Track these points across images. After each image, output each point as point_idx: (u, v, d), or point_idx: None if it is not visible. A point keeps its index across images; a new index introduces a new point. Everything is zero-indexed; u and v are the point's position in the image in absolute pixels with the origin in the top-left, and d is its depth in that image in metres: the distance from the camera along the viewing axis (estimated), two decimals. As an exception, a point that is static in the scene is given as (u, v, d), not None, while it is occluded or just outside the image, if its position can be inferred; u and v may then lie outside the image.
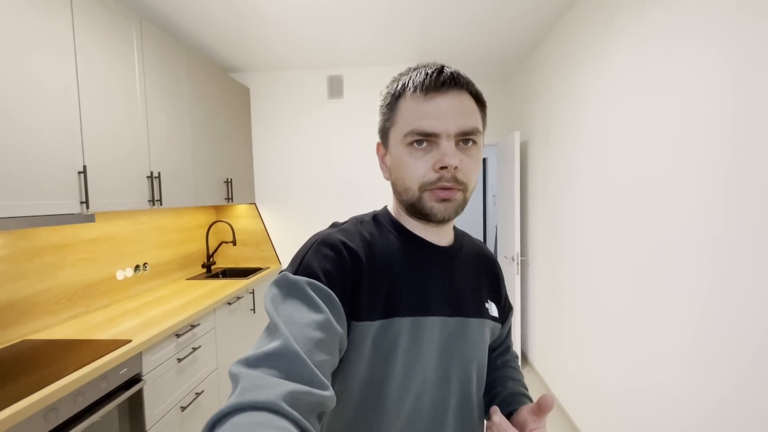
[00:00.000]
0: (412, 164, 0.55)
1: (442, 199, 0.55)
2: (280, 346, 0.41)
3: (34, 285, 1.66)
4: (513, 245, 2.96)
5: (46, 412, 1.15)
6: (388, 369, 0.54)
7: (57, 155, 1.43)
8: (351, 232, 0.59)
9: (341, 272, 0.52)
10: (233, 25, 2.34)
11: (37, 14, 1.36)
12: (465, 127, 0.54)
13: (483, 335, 0.63)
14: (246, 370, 0.39)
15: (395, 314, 0.55)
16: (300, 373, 0.40)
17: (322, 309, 0.47)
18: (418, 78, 0.55)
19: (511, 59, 3.02)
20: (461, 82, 0.56)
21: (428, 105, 0.54)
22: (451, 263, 0.63)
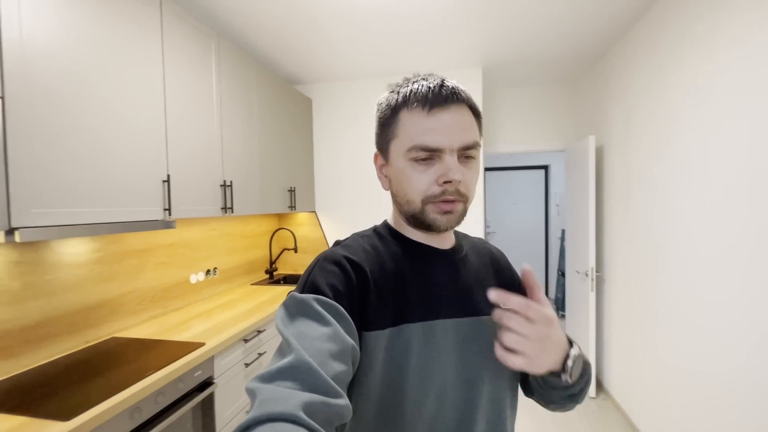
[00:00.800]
0: (416, 178, 0.56)
1: (445, 212, 0.57)
2: (293, 359, 0.42)
3: (121, 286, 1.78)
4: (587, 259, 2.72)
5: (131, 411, 1.19)
6: (402, 375, 0.54)
7: (147, 164, 1.53)
8: (353, 247, 0.60)
9: (347, 286, 0.53)
10: (297, 39, 2.40)
11: (130, 34, 1.47)
12: (467, 142, 0.55)
13: (493, 328, 0.62)
14: (262, 384, 0.40)
15: (405, 321, 0.56)
16: (315, 384, 0.41)
17: (331, 322, 0.48)
18: (420, 91, 0.55)
19: (583, 60, 2.81)
20: (462, 97, 0.57)
21: (431, 120, 0.55)
22: (455, 265, 0.64)
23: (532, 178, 5.61)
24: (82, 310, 1.59)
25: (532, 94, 3.45)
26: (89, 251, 1.63)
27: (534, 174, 5.60)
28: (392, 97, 0.59)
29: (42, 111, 1.15)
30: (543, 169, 5.57)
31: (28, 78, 1.11)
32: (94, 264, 1.65)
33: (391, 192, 0.63)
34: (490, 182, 5.74)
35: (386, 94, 0.61)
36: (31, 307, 1.41)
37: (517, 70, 3.03)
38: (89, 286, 1.62)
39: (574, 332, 3.15)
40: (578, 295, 3.01)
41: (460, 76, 2.91)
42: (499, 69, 2.98)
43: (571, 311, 3.24)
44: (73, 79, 1.25)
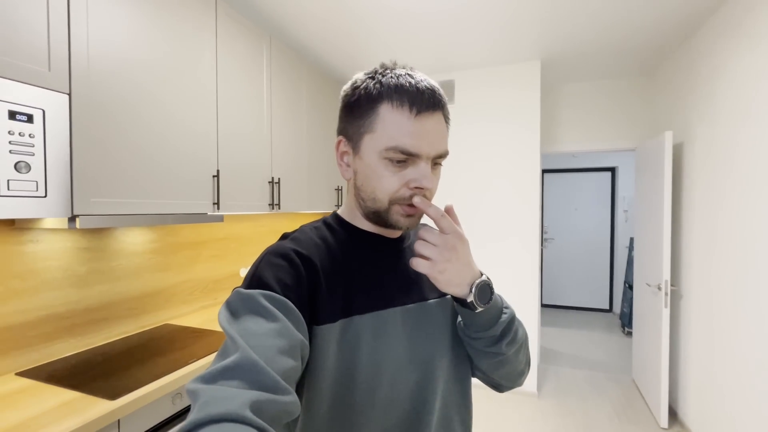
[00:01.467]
0: (387, 178, 0.55)
1: (409, 215, 0.57)
2: (238, 358, 0.41)
3: (175, 276, 1.88)
4: (660, 272, 2.41)
5: (173, 396, 1.24)
6: (355, 366, 0.54)
7: (198, 160, 1.60)
8: (301, 240, 0.59)
9: (295, 279, 0.52)
10: (346, 38, 2.41)
11: (186, 35, 1.55)
12: (441, 151, 0.56)
13: (446, 313, 0.64)
14: (204, 385, 0.38)
15: (355, 312, 0.56)
16: (262, 381, 0.40)
17: (278, 317, 0.47)
18: (408, 90, 0.53)
19: (661, 47, 2.51)
20: (443, 103, 0.56)
21: (417, 124, 0.53)
22: (402, 253, 0.64)
23: (597, 182, 5.17)
24: (139, 296, 1.70)
25: (598, 88, 3.16)
26: (148, 241, 1.74)
27: (599, 177, 5.16)
28: (371, 85, 0.55)
29: (104, 108, 1.24)
30: (609, 171, 5.11)
31: (91, 77, 1.19)
32: (151, 254, 1.75)
33: (353, 184, 0.60)
34: (549, 185, 5.39)
35: (361, 77, 0.57)
36: (95, 291, 1.52)
37: (580, 63, 2.78)
38: (146, 275, 1.73)
39: (642, 352, 2.81)
40: (648, 310, 2.68)
41: (516, 71, 2.75)
42: (560, 62, 2.76)
43: (640, 328, 2.90)
44: (132, 79, 1.33)
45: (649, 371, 2.64)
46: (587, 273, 5.20)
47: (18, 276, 1.29)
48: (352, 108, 0.57)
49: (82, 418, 0.98)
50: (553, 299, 5.36)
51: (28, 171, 1.02)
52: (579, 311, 5.19)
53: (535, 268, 2.76)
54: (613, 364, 3.43)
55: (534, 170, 2.75)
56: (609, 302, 5.12)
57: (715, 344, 2.03)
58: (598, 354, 3.67)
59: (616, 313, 4.99)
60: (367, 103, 0.55)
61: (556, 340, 4.04)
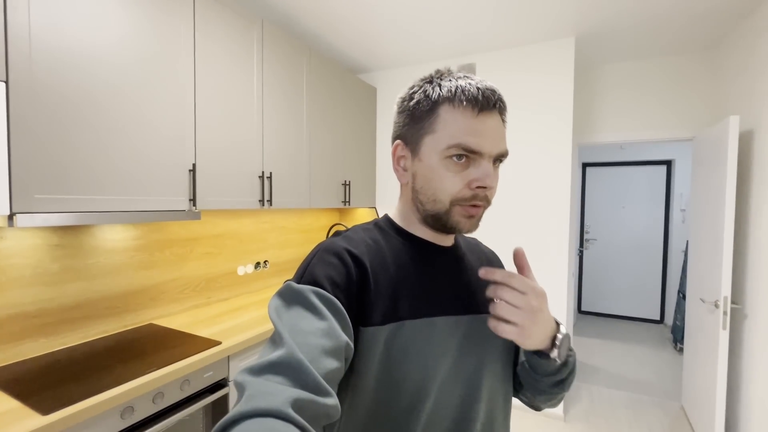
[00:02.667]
0: (449, 178, 0.55)
1: (471, 216, 0.56)
2: (284, 354, 0.42)
3: (163, 274, 1.81)
4: (718, 285, 2.01)
5: (122, 409, 1.14)
6: (402, 371, 0.53)
7: (171, 153, 1.49)
8: (354, 240, 0.58)
9: (345, 279, 0.52)
10: (358, 24, 2.22)
11: (158, 14, 1.43)
12: (503, 150, 0.56)
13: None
14: (251, 378, 0.40)
15: (405, 317, 0.55)
16: (304, 381, 0.41)
17: (327, 317, 0.47)
18: (469, 90, 0.54)
19: (722, 16, 2.07)
20: (504, 105, 0.57)
21: (478, 122, 0.54)
22: (455, 262, 0.64)
23: (650, 176, 4.60)
24: (121, 294, 1.64)
25: (645, 67, 2.72)
26: (130, 238, 1.67)
27: (652, 171, 4.59)
28: (430, 89, 0.56)
29: (52, 97, 1.15)
30: (665, 164, 4.52)
31: (35, 62, 1.10)
32: (134, 251, 1.69)
33: (411, 188, 0.60)
34: (591, 180, 4.89)
35: (419, 84, 0.58)
36: (69, 289, 1.47)
37: (624, 38, 2.39)
38: (129, 273, 1.67)
39: (694, 377, 2.40)
40: (702, 329, 2.27)
41: (546, 50, 2.43)
42: (598, 38, 2.39)
43: (692, 348, 2.48)
44: (89, 64, 1.24)
45: (702, 399, 2.24)
46: (636, 278, 4.67)
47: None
48: (411, 111, 0.58)
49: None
50: (593, 306, 4.88)
51: (-46, 165, 0.94)
52: (624, 321, 4.68)
53: (566, 270, 2.43)
54: (660, 386, 2.99)
55: (565, 163, 2.41)
56: (660, 312, 4.56)
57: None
58: (642, 372, 3.23)
59: (668, 325, 4.43)
60: (426, 105, 0.56)
61: (593, 353, 3.63)
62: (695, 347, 2.41)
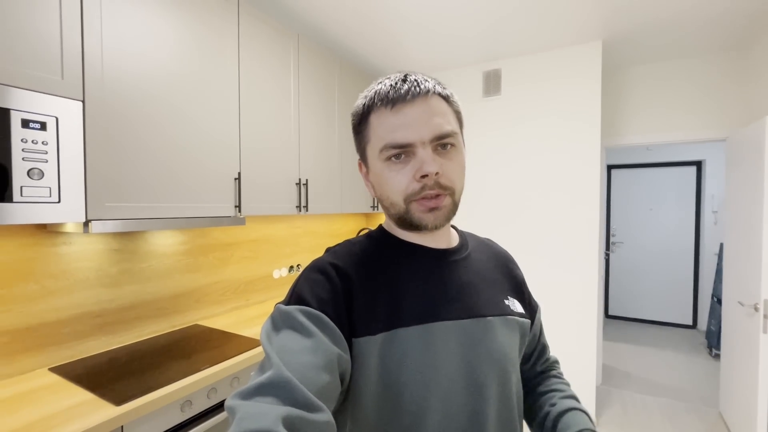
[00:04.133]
0: (393, 178, 0.55)
1: (431, 209, 0.55)
2: (271, 375, 0.42)
3: (206, 277, 1.91)
4: (757, 288, 1.97)
5: (182, 403, 1.22)
6: (400, 381, 0.52)
7: (219, 162, 1.59)
8: (340, 253, 0.59)
9: (331, 293, 0.53)
10: (382, 31, 2.29)
11: (207, 33, 1.54)
12: (438, 132, 0.54)
13: (511, 333, 0.61)
14: (240, 401, 0.40)
15: (399, 324, 0.53)
16: (294, 399, 0.40)
17: (314, 333, 0.47)
18: (382, 90, 0.55)
19: (755, 13, 2.05)
20: (426, 87, 0.55)
21: (396, 116, 0.54)
22: (454, 265, 0.62)
23: (679, 178, 4.50)
24: (170, 296, 1.74)
25: (675, 68, 2.69)
26: (178, 243, 1.78)
27: (682, 172, 4.49)
28: (360, 103, 0.59)
29: (119, 114, 1.25)
30: (695, 165, 4.42)
31: (106, 84, 1.21)
32: (182, 255, 1.79)
33: (377, 198, 0.61)
34: (617, 183, 4.82)
35: (357, 101, 0.60)
36: (126, 291, 1.58)
37: (652, 39, 2.38)
38: (177, 276, 1.77)
39: (732, 382, 2.35)
40: (741, 333, 2.22)
41: (573, 54, 2.44)
42: (626, 40, 2.39)
43: (729, 353, 2.42)
44: (149, 84, 1.34)
45: (741, 406, 2.19)
46: (666, 282, 4.55)
47: (52, 276, 1.36)
48: (354, 129, 0.61)
49: (85, 422, 0.99)
50: (622, 310, 4.78)
51: (41, 177, 1.05)
52: (655, 325, 4.57)
53: (594, 274, 2.42)
54: (696, 392, 2.92)
55: (593, 167, 2.41)
56: (693, 317, 4.43)
57: (836, 385, 1.59)
58: (676, 378, 3.16)
59: (702, 330, 4.30)
60: (359, 118, 0.59)
61: (623, 359, 3.57)
62: (733, 352, 2.35)
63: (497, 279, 0.66)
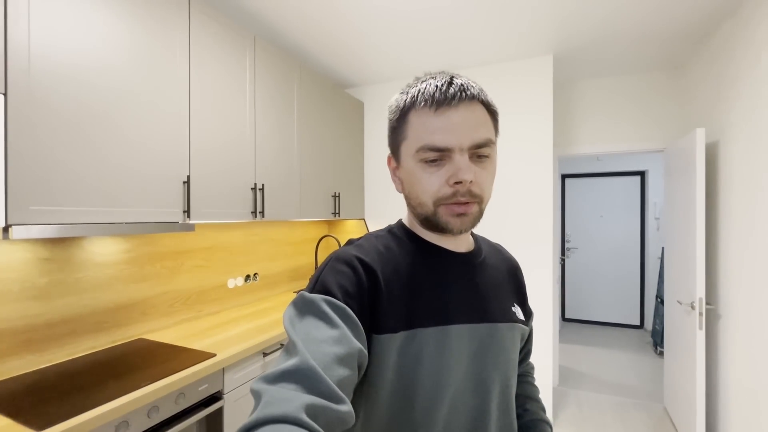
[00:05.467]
0: (426, 179, 0.55)
1: (458, 214, 0.55)
2: (297, 362, 0.43)
3: (153, 287, 1.79)
4: (693, 288, 2.12)
5: (117, 425, 1.11)
6: (416, 380, 0.53)
7: (166, 165, 1.50)
8: (365, 247, 0.58)
9: (357, 287, 0.53)
10: (342, 42, 2.29)
11: (156, 31, 1.46)
12: (478, 140, 0.54)
13: (514, 339, 0.63)
14: (266, 385, 0.41)
15: (419, 324, 0.54)
16: (318, 388, 0.41)
17: (338, 325, 0.48)
18: (427, 91, 0.54)
19: (689, 36, 2.24)
20: (472, 93, 0.55)
21: (439, 119, 0.53)
22: (472, 269, 0.63)
23: (626, 187, 4.80)
24: (110, 309, 1.61)
25: (619, 83, 2.88)
26: (120, 251, 1.65)
27: (627, 181, 4.79)
28: (401, 99, 0.58)
29: (52, 109, 1.15)
30: (639, 175, 4.74)
31: (33, 76, 1.11)
32: (125, 264, 1.67)
33: (404, 195, 0.61)
34: (571, 191, 5.07)
35: (396, 96, 0.60)
36: (57, 304, 1.44)
37: (599, 56, 2.54)
38: (119, 286, 1.64)
39: (675, 378, 2.49)
40: (681, 331, 2.37)
41: (526, 67, 2.54)
42: (575, 56, 2.53)
43: (672, 350, 2.58)
44: (88, 78, 1.25)
45: (683, 400, 2.33)
46: (615, 285, 4.82)
47: (-34, 289, 1.21)
48: (391, 125, 0.60)
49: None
50: (576, 313, 5.00)
51: (-50, 176, 0.94)
52: (606, 327, 4.80)
53: (550, 278, 2.51)
54: (643, 388, 3.08)
55: (546, 174, 2.52)
56: (640, 318, 4.71)
57: (760, 371, 1.73)
58: (625, 376, 3.32)
59: (648, 329, 4.57)
60: (399, 115, 0.58)
61: (578, 359, 3.72)
62: (675, 349, 2.51)
63: (506, 285, 0.68)
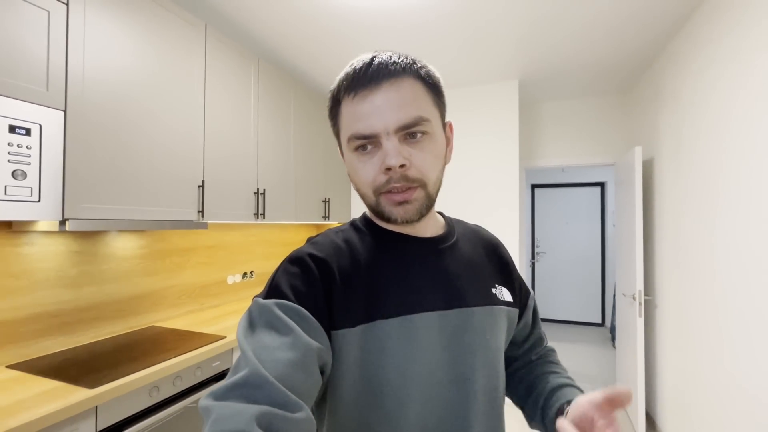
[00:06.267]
0: (361, 169, 0.53)
1: (399, 202, 0.52)
2: (246, 373, 0.41)
3: (164, 281, 1.99)
4: (633, 282, 2.48)
5: (150, 389, 1.32)
6: (381, 374, 0.50)
7: (185, 171, 1.73)
8: (320, 243, 0.57)
9: (309, 285, 0.51)
10: (336, 58, 2.56)
11: (177, 57, 1.70)
12: (405, 120, 0.50)
13: (497, 323, 0.59)
14: (214, 402, 0.38)
15: (379, 316, 0.51)
16: (270, 397, 0.39)
17: (292, 328, 0.46)
18: (348, 76, 0.52)
19: (631, 68, 2.64)
20: (396, 69, 0.51)
21: (362, 105, 0.50)
22: (439, 253, 0.59)
23: (588, 196, 5.26)
24: (128, 299, 1.80)
25: (578, 105, 3.29)
26: (137, 247, 1.85)
27: (589, 191, 5.26)
28: (332, 88, 0.56)
29: (97, 124, 1.37)
30: (599, 186, 5.21)
31: (86, 96, 1.33)
32: (140, 259, 1.87)
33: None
34: (539, 199, 5.49)
35: (331, 86, 0.57)
36: (85, 292, 1.63)
37: (558, 82, 2.92)
38: (135, 278, 1.84)
39: (624, 363, 2.85)
40: (627, 321, 2.73)
41: (496, 90, 2.89)
42: (537, 81, 2.90)
43: (620, 338, 2.94)
44: (125, 99, 1.48)
45: (630, 381, 2.67)
46: (580, 287, 5.24)
47: (12, 275, 1.40)
48: (329, 115, 0.58)
49: (61, 403, 1.07)
50: (546, 313, 5.38)
51: (24, 178, 1.15)
52: (573, 325, 5.21)
53: (516, 278, 2.83)
54: (599, 376, 3.45)
55: (513, 183, 2.86)
56: (601, 316, 5.13)
57: (688, 354, 2.08)
58: (587, 367, 3.69)
59: (608, 326, 5.00)
60: (332, 105, 0.56)
61: (545, 353, 4.06)
62: (624, 337, 2.87)
63: (485, 267, 0.63)
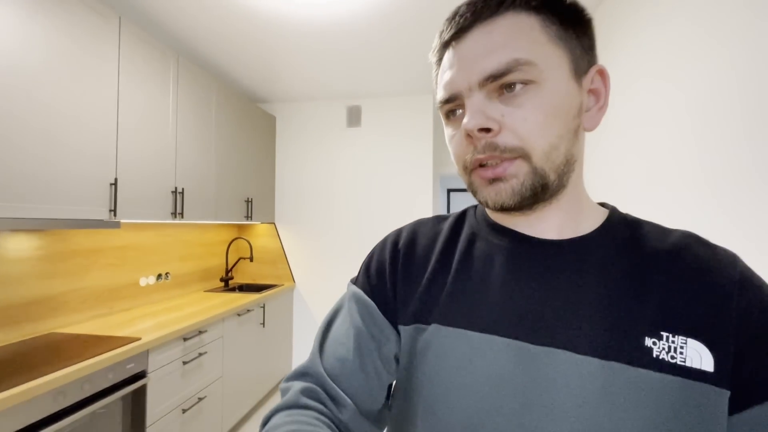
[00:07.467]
0: (450, 141, 0.43)
1: (490, 180, 0.39)
2: (308, 364, 0.48)
3: (65, 284, 1.85)
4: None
5: (54, 394, 1.27)
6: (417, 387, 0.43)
7: (95, 167, 1.65)
8: (409, 228, 0.53)
9: (383, 276, 0.50)
10: (262, 62, 2.60)
11: (87, 46, 1.62)
12: (492, 68, 0.37)
13: (634, 399, 0.34)
14: (284, 384, 0.48)
15: (430, 320, 0.43)
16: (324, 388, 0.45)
17: (357, 325, 0.47)
18: (447, 21, 0.41)
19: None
20: (492, 5, 0.38)
21: (449, 58, 0.41)
22: (555, 264, 0.41)
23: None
24: (21, 304, 1.66)
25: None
26: (32, 248, 1.71)
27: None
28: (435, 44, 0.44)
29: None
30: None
31: (-21, 85, 1.24)
32: (37, 261, 1.73)
33: None
34: (454, 202, 6.00)
35: None
36: (-32, 298, 1.48)
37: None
38: (30, 282, 1.70)
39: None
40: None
41: (414, 101, 3.16)
42: (449, 96, 3.23)
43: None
44: (16, 84, 1.39)
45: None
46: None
47: None
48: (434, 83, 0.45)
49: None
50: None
51: None
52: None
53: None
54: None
55: (427, 185, 3.15)
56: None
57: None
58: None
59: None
60: (436, 59, 0.44)
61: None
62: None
63: (644, 297, 0.37)
